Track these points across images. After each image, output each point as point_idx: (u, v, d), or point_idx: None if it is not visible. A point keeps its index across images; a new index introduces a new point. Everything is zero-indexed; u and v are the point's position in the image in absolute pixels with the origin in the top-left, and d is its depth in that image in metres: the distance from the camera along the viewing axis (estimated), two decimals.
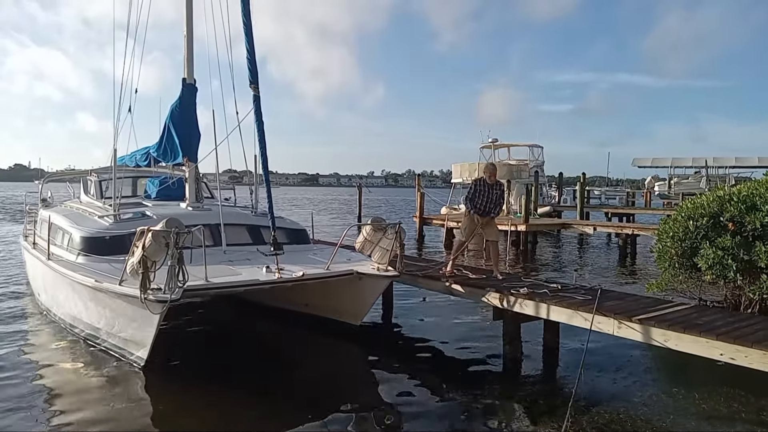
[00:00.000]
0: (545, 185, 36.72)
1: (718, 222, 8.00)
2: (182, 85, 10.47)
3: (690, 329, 5.86)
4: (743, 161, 41.98)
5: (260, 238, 10.00)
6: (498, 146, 34.18)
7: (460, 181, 32.41)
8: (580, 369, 6.26)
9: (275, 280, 7.60)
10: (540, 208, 28.30)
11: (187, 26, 10.56)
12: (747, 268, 7.58)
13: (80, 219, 9.88)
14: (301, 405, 6.37)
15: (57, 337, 8.75)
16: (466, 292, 8.27)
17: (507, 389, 6.80)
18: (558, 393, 6.75)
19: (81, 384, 7.00)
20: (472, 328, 9.55)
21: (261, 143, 8.44)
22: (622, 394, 6.64)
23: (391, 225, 8.37)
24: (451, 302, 10.35)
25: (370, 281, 8.32)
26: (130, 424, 5.85)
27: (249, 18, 8.34)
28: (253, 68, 8.41)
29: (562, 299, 7.19)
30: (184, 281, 6.22)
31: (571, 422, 5.62)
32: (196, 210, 10.18)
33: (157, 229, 6.04)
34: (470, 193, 8.91)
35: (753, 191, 8.06)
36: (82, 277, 7.49)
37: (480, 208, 8.84)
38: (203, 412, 6.20)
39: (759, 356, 5.31)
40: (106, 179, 11.92)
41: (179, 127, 10.33)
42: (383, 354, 8.44)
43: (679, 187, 40.20)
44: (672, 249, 8.36)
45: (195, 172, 10.57)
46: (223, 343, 8.79)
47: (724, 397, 6.41)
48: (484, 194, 8.83)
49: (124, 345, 7.44)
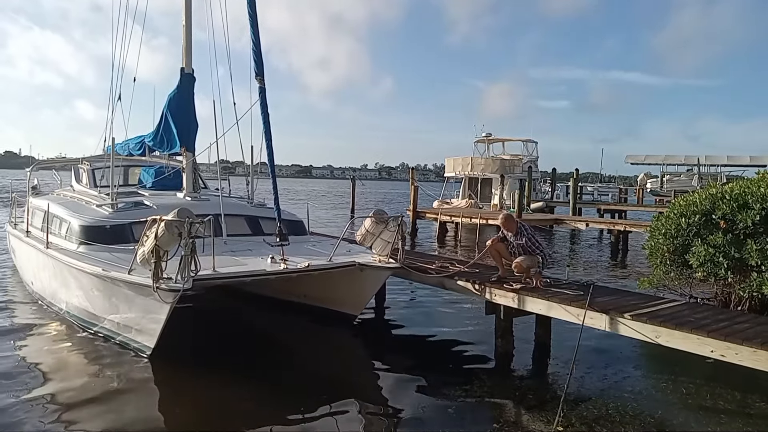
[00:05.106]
0: (539, 181, 36.87)
1: (710, 220, 8.10)
2: (180, 74, 10.43)
3: (681, 326, 5.93)
4: (735, 159, 42.25)
5: (259, 228, 10.03)
6: (492, 141, 34.27)
7: (453, 175, 32.50)
8: (572, 364, 6.34)
9: (281, 271, 7.66)
10: (533, 204, 28.42)
11: (186, 16, 10.52)
12: (738, 266, 7.68)
13: (78, 208, 9.86)
14: (296, 395, 6.43)
15: (53, 325, 8.76)
16: (459, 287, 8.33)
17: (498, 384, 6.87)
18: (549, 388, 6.84)
19: (82, 372, 7.02)
20: (464, 323, 9.61)
21: (267, 136, 8.47)
22: (613, 389, 6.73)
23: (393, 218, 8.45)
24: (444, 296, 10.41)
25: (371, 272, 8.40)
26: (137, 412, 5.93)
27: (254, 10, 8.33)
28: (259, 60, 8.40)
29: (554, 294, 7.24)
30: (196, 271, 6.26)
31: (562, 417, 5.70)
32: (194, 200, 10.17)
33: (170, 219, 6.06)
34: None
35: (745, 189, 8.15)
36: (90, 266, 7.49)
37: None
38: (203, 401, 6.28)
39: (749, 353, 5.40)
40: (99, 167, 11.85)
41: (177, 117, 10.31)
42: (376, 348, 8.54)
43: (671, 184, 40.48)
44: (664, 246, 8.45)
45: (193, 162, 10.56)
46: (220, 333, 8.80)
47: (712, 392, 6.52)
48: (512, 246, 8.16)
49: (129, 333, 7.47)
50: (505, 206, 26.93)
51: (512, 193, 26.32)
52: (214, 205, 9.54)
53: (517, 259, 7.84)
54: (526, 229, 8.17)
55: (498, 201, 28.53)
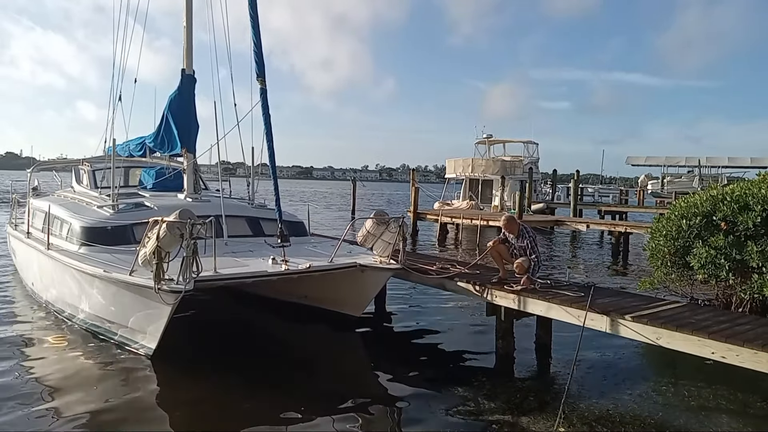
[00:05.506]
0: (539, 182, 36.87)
1: (711, 221, 8.09)
2: (181, 75, 10.44)
3: (682, 327, 5.93)
4: (736, 161, 42.23)
5: (260, 229, 10.04)
6: (492, 142, 34.28)
7: (454, 176, 32.51)
8: (573, 365, 6.35)
9: (283, 272, 7.68)
10: (534, 205, 28.41)
11: (187, 17, 10.52)
12: (739, 268, 7.67)
13: (79, 209, 9.86)
14: (296, 395, 6.43)
15: (54, 326, 8.75)
16: (460, 288, 8.33)
17: (499, 385, 6.86)
18: (550, 389, 6.82)
19: (84, 374, 7.01)
20: (464, 324, 9.62)
21: (268, 137, 8.49)
22: (613, 391, 6.72)
23: (394, 219, 8.46)
24: (444, 297, 10.41)
25: (372, 274, 8.42)
26: (137, 413, 5.93)
27: (256, 11, 8.35)
28: (260, 61, 8.42)
29: (555, 296, 7.24)
30: (197, 272, 6.26)
31: (563, 418, 5.70)
32: (195, 201, 10.18)
33: (172, 220, 6.08)
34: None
35: (746, 191, 8.14)
36: (91, 267, 7.50)
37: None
38: (204, 402, 6.27)
39: (750, 355, 5.40)
40: (100, 169, 11.87)
41: (178, 118, 10.31)
42: (376, 349, 8.53)
43: (672, 186, 40.44)
44: (665, 247, 8.44)
45: (194, 163, 10.56)
46: (221, 334, 8.81)
47: (713, 394, 6.51)
48: (513, 248, 8.22)
49: (130, 335, 7.47)
50: (505, 208, 26.92)
51: (513, 195, 26.28)
52: (215, 206, 9.55)
53: (519, 260, 7.84)
54: (528, 231, 8.17)
55: (499, 202, 28.53)
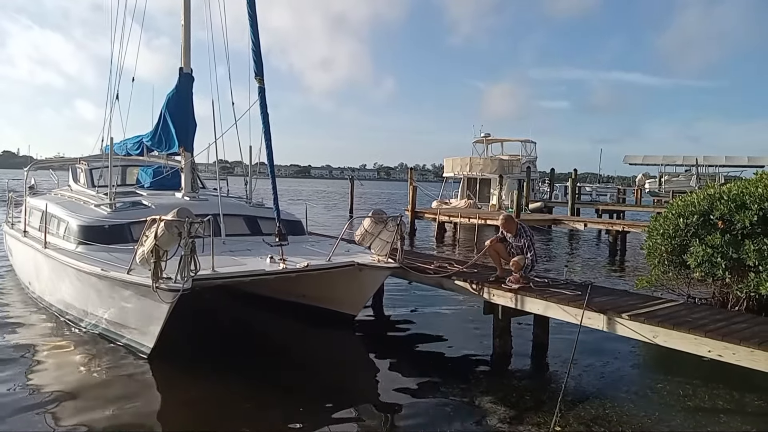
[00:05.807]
0: (537, 181, 36.89)
1: (708, 220, 8.11)
2: (179, 74, 10.42)
3: (679, 326, 5.95)
4: (733, 160, 42.38)
5: (257, 228, 10.03)
6: (491, 141, 34.30)
7: (452, 175, 32.53)
8: (570, 364, 6.36)
9: (280, 271, 7.67)
10: (531, 204, 28.43)
11: (185, 15, 10.51)
12: (735, 266, 7.69)
13: (76, 208, 9.84)
14: (294, 395, 6.44)
15: (52, 326, 8.75)
16: (457, 287, 8.33)
17: (496, 383, 6.88)
18: (547, 388, 6.83)
19: (81, 372, 7.02)
20: (462, 322, 9.63)
21: (266, 136, 8.48)
22: (610, 390, 6.74)
23: (392, 218, 8.46)
24: (442, 296, 10.42)
25: (370, 272, 8.42)
26: (135, 413, 5.93)
27: (254, 10, 8.34)
28: (259, 60, 8.41)
29: (552, 294, 7.25)
30: (195, 271, 6.26)
31: (560, 417, 5.70)
32: (193, 200, 10.16)
33: (169, 219, 6.06)
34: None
35: (743, 190, 8.17)
36: (89, 266, 7.48)
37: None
38: (202, 402, 6.28)
39: (746, 353, 5.42)
40: (97, 167, 11.85)
41: (175, 117, 10.30)
42: (374, 348, 8.55)
43: (669, 184, 40.60)
44: (662, 246, 8.47)
45: (191, 161, 10.55)
46: (219, 334, 8.80)
47: (709, 393, 6.53)
48: (511, 247, 8.16)
49: (128, 334, 7.46)
50: (503, 206, 26.95)
51: (511, 194, 26.28)
52: (213, 205, 9.54)
53: (516, 258, 7.85)
54: (526, 230, 8.17)
55: (496, 201, 28.55)
